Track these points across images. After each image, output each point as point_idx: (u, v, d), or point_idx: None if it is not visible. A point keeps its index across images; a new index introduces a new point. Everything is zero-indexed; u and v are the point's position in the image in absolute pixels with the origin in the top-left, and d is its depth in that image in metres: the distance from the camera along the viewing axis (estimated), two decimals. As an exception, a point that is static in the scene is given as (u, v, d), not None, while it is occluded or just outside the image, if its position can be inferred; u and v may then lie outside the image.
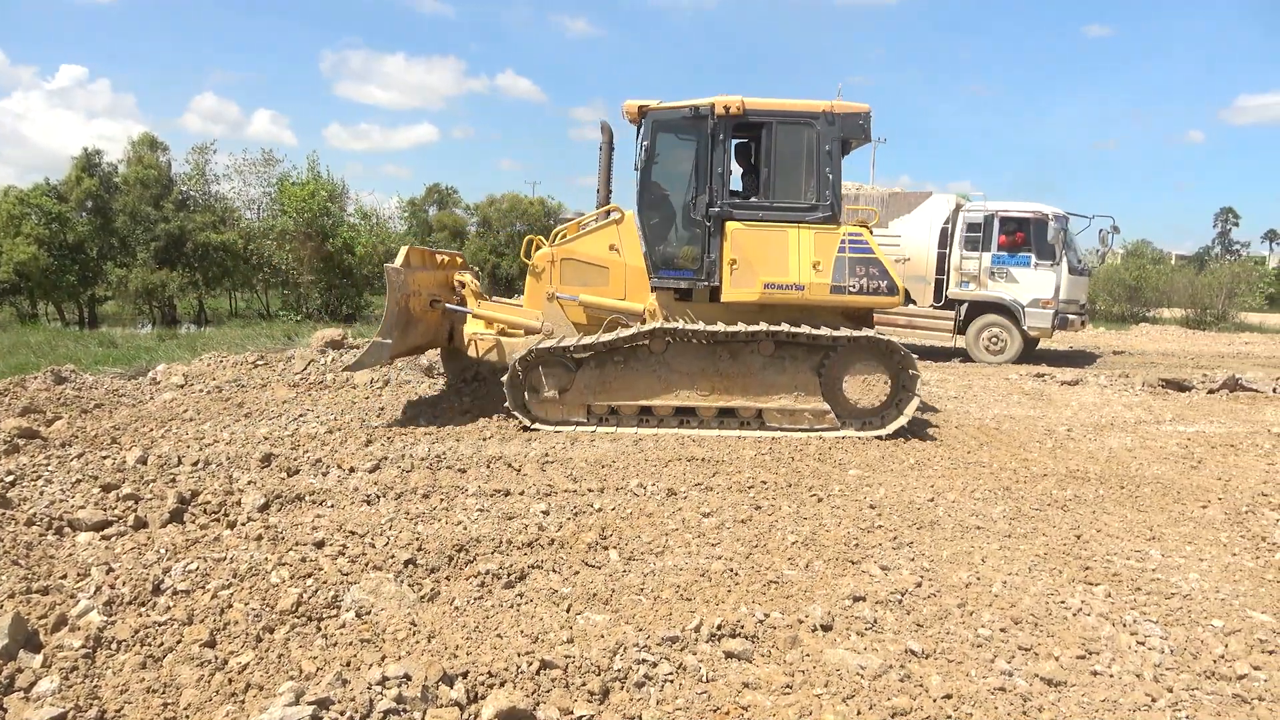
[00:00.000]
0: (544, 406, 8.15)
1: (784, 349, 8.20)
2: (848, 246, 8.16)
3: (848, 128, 8.24)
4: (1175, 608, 4.27)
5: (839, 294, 8.15)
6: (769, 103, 8.26)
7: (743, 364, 8.18)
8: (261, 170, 25.41)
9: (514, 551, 4.70)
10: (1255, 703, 3.39)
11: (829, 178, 8.21)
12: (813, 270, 8.11)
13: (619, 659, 3.44)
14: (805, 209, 8.26)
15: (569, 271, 8.72)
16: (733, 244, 8.20)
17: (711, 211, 8.29)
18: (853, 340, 8.13)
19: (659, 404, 8.21)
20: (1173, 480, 6.85)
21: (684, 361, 8.16)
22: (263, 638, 3.60)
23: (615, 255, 8.67)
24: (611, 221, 8.75)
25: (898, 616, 4.03)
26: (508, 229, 31.63)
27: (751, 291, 8.18)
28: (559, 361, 8.14)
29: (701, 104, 8.26)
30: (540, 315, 8.76)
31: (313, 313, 22.45)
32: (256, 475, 5.91)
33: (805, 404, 8.19)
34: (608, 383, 8.16)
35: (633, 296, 8.64)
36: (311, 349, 10.59)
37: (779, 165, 8.30)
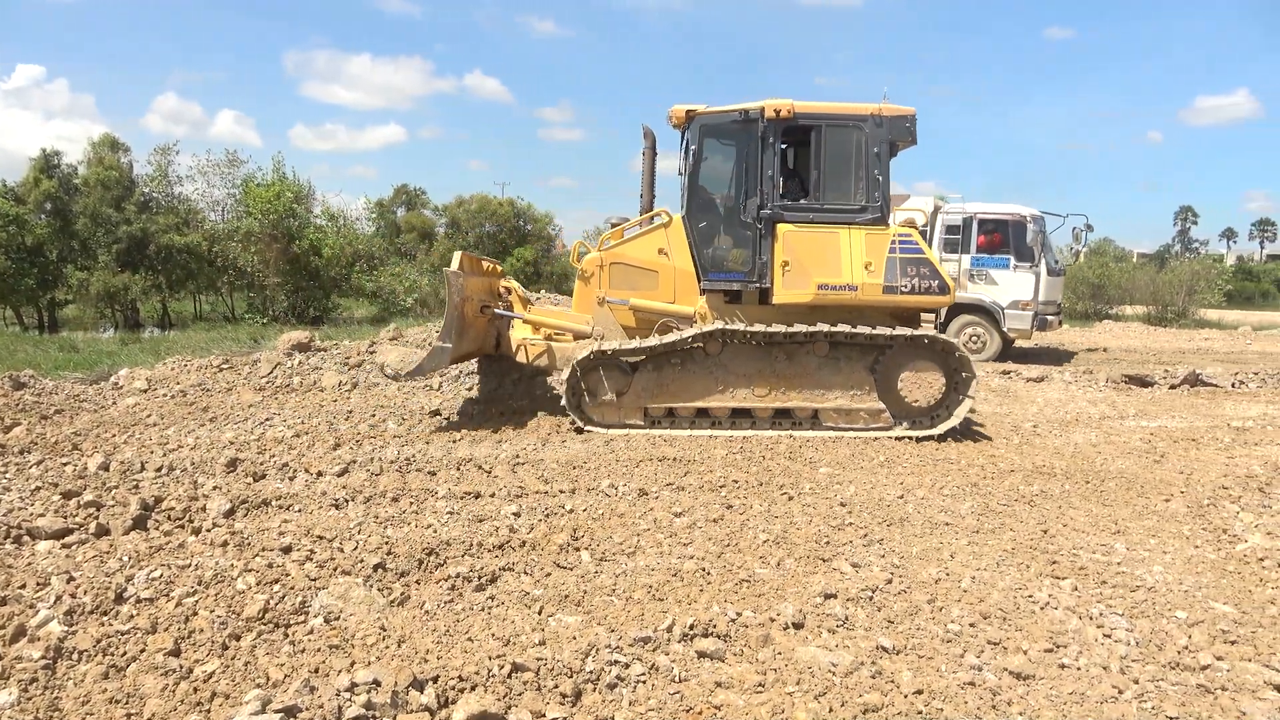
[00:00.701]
0: (601, 409, 8.18)
1: (839, 349, 8.28)
2: (898, 247, 8.27)
3: (895, 130, 8.35)
4: (1140, 600, 4.33)
5: (891, 294, 8.24)
6: (818, 106, 8.36)
7: (799, 365, 8.25)
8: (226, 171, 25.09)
9: (485, 554, 4.66)
10: (1219, 693, 3.44)
11: (878, 180, 8.33)
12: (865, 271, 8.20)
13: (591, 660, 3.43)
14: (855, 210, 8.36)
15: (618, 276, 8.76)
16: (784, 246, 8.28)
17: (763, 214, 8.38)
18: (911, 339, 8.22)
19: (716, 406, 8.24)
20: (1136, 474, 6.95)
21: (740, 363, 8.22)
22: (228, 645, 3.54)
23: (664, 259, 8.73)
24: (659, 225, 8.78)
25: (869, 613, 4.05)
26: (477, 230, 31.46)
27: (805, 293, 8.26)
28: (616, 364, 8.17)
29: (751, 108, 8.36)
30: (590, 320, 8.79)
31: (279, 315, 22.17)
32: (222, 480, 5.83)
33: (861, 403, 8.26)
34: (665, 385, 8.20)
35: (682, 300, 8.68)
36: (278, 352, 10.45)
37: (828, 168, 8.38)
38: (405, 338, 10.93)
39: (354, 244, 24.53)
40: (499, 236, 31.17)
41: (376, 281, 24.45)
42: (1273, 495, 6.40)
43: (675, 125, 8.80)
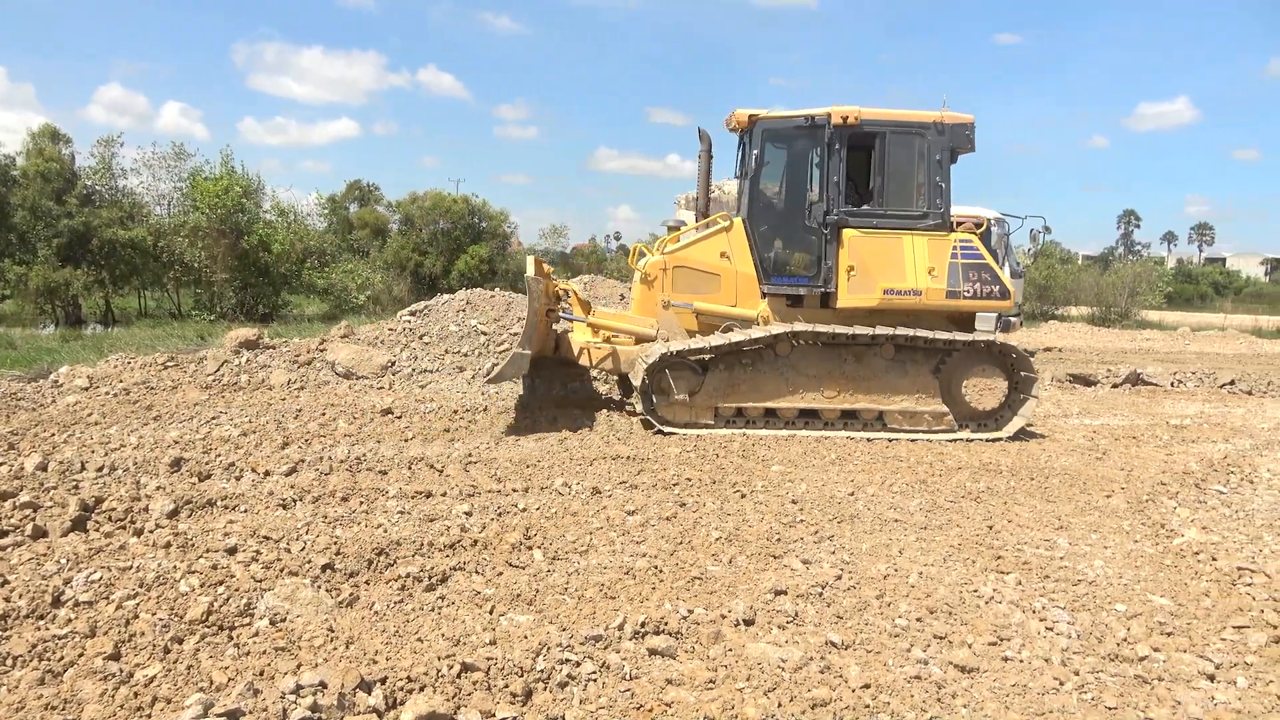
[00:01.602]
0: (673, 409, 8.24)
1: (903, 352, 8.43)
2: (960, 252, 8.47)
3: (956, 138, 8.51)
4: (1081, 594, 4.44)
5: (954, 298, 8.44)
6: (883, 113, 8.49)
7: (866, 367, 8.38)
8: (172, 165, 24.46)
9: (436, 554, 4.62)
10: (1155, 683, 3.54)
11: (940, 186, 8.48)
12: (929, 276, 8.39)
13: (542, 659, 3.42)
14: (918, 216, 8.53)
15: (681, 279, 8.83)
16: (850, 251, 8.41)
17: (829, 219, 8.48)
18: (970, 344, 8.39)
19: (785, 406, 8.35)
20: (1079, 471, 7.12)
21: (810, 365, 8.33)
22: (171, 649, 3.46)
23: (726, 263, 8.79)
24: (721, 229, 8.83)
25: (818, 609, 4.10)
26: (431, 227, 31.10)
27: (871, 297, 8.41)
28: (688, 365, 8.22)
29: (817, 113, 8.49)
30: (654, 323, 8.83)
31: (227, 312, 21.72)
32: (165, 480, 5.70)
33: (925, 406, 8.41)
34: (736, 386, 8.29)
35: (744, 303, 8.77)
36: (225, 349, 10.24)
37: (892, 174, 8.52)
38: (357, 335, 10.78)
39: (305, 240, 24.12)
40: (453, 234, 30.84)
41: (328, 278, 24.09)
42: (1208, 491, 6.60)
43: (733, 129, 8.95)
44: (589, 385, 10.12)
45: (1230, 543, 5.32)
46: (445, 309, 11.32)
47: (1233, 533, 5.55)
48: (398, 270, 29.59)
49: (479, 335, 10.66)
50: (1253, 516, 5.96)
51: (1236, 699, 3.41)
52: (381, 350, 10.26)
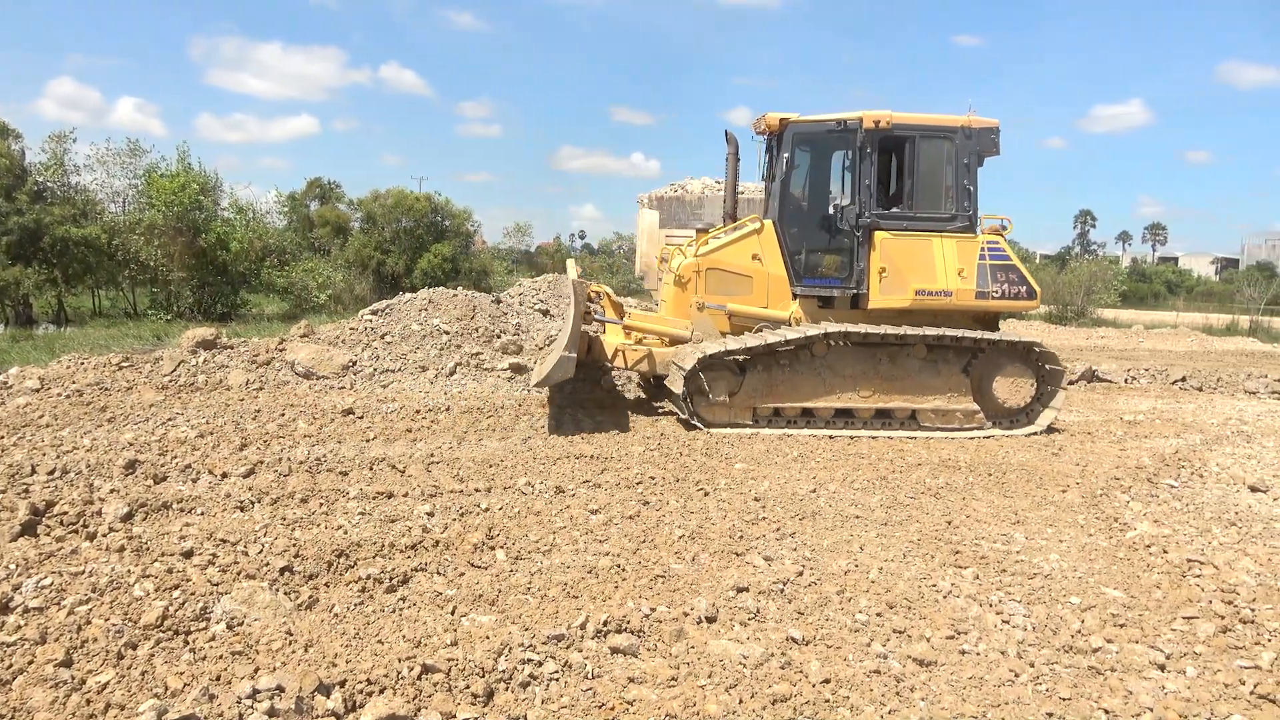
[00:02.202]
0: (713, 410, 8.32)
1: (935, 352, 8.59)
2: (987, 254, 8.68)
3: (982, 142, 8.72)
4: (1037, 587, 4.51)
5: (983, 299, 8.67)
6: (913, 117, 8.66)
7: (900, 367, 8.51)
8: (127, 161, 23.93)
9: (397, 555, 4.59)
10: (1108, 673, 3.61)
11: (968, 189, 8.69)
12: (959, 277, 8.60)
13: (504, 660, 3.41)
14: (946, 219, 8.72)
15: (714, 281, 8.95)
16: (881, 253, 8.60)
17: (862, 221, 8.62)
18: (995, 343, 8.61)
19: (821, 405, 8.47)
20: (1036, 467, 7.24)
21: (846, 365, 8.45)
22: (124, 654, 3.40)
23: (758, 264, 8.94)
24: (752, 231, 8.96)
25: (780, 605, 4.13)
26: (393, 225, 30.79)
27: (903, 298, 8.62)
28: (728, 366, 8.31)
29: (849, 117, 8.63)
30: (688, 324, 8.93)
31: (184, 311, 21.30)
32: (120, 483, 5.59)
33: (957, 404, 8.58)
34: (774, 386, 8.38)
35: (775, 304, 8.92)
36: (182, 349, 10.07)
37: (921, 177, 8.69)
38: (317, 335, 10.65)
39: (264, 238, 23.74)
40: (416, 232, 30.55)
41: (288, 277, 23.75)
42: (1160, 485, 6.75)
43: (761, 132, 9.09)
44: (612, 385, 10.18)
45: (1180, 536, 5.44)
46: (407, 308, 11.22)
47: (1183, 526, 5.68)
48: (359, 269, 29.25)
49: (442, 334, 10.58)
50: (1202, 510, 6.10)
51: (1186, 688, 3.49)
52: (342, 350, 10.15)
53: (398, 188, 31.99)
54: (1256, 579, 4.69)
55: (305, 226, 34.76)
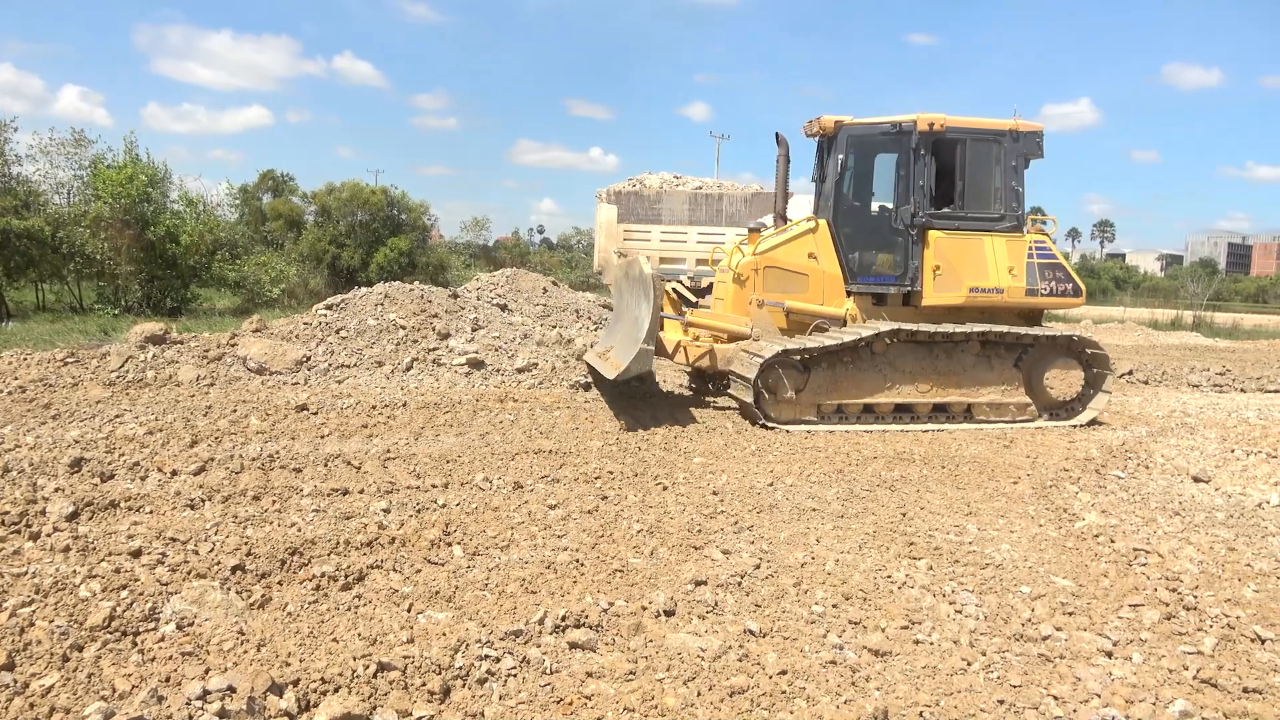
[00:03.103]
0: (779, 407, 8.45)
1: (989, 348, 8.88)
2: (1035, 253, 8.99)
3: (1028, 145, 9.03)
4: (989, 577, 4.59)
5: (1033, 296, 8.99)
6: (964, 120, 8.95)
7: (956, 362, 8.78)
8: (72, 152, 23.24)
9: (352, 552, 4.53)
10: (1057, 661, 3.69)
11: (1015, 190, 8.99)
12: (1009, 275, 8.88)
13: (461, 656, 3.38)
14: (995, 219, 9.00)
15: (771, 279, 9.14)
16: (935, 251, 8.86)
17: (916, 221, 8.85)
18: (1049, 338, 8.93)
19: (881, 401, 8.68)
20: (988, 459, 7.36)
21: (905, 361, 8.67)
22: (70, 657, 3.32)
23: (814, 263, 9.16)
24: (807, 231, 9.17)
25: (737, 598, 4.15)
26: (348, 219, 30.38)
27: (957, 295, 8.89)
28: (793, 364, 8.45)
29: (904, 120, 8.89)
30: (748, 321, 9.10)
31: (133, 306, 20.79)
32: (65, 482, 5.45)
33: (1011, 398, 8.88)
34: (838, 383, 8.57)
35: (829, 302, 9.16)
36: (129, 344, 9.84)
37: (971, 178, 8.96)
38: (270, 330, 10.48)
39: (215, 231, 23.26)
40: (371, 226, 30.21)
41: (240, 271, 23.33)
42: (1107, 476, 6.90)
43: (813, 135, 9.38)
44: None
45: (1127, 525, 5.57)
46: (363, 302, 11.08)
47: (1129, 516, 5.82)
48: (314, 263, 28.84)
49: (398, 329, 10.47)
50: (1148, 500, 6.25)
51: (1132, 674, 3.57)
52: (296, 345, 10.00)
53: (353, 180, 31.63)
54: (1199, 567, 4.82)
55: (258, 220, 34.16)
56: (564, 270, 36.49)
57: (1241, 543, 5.29)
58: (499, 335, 10.95)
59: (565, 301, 13.12)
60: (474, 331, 10.86)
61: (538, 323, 11.92)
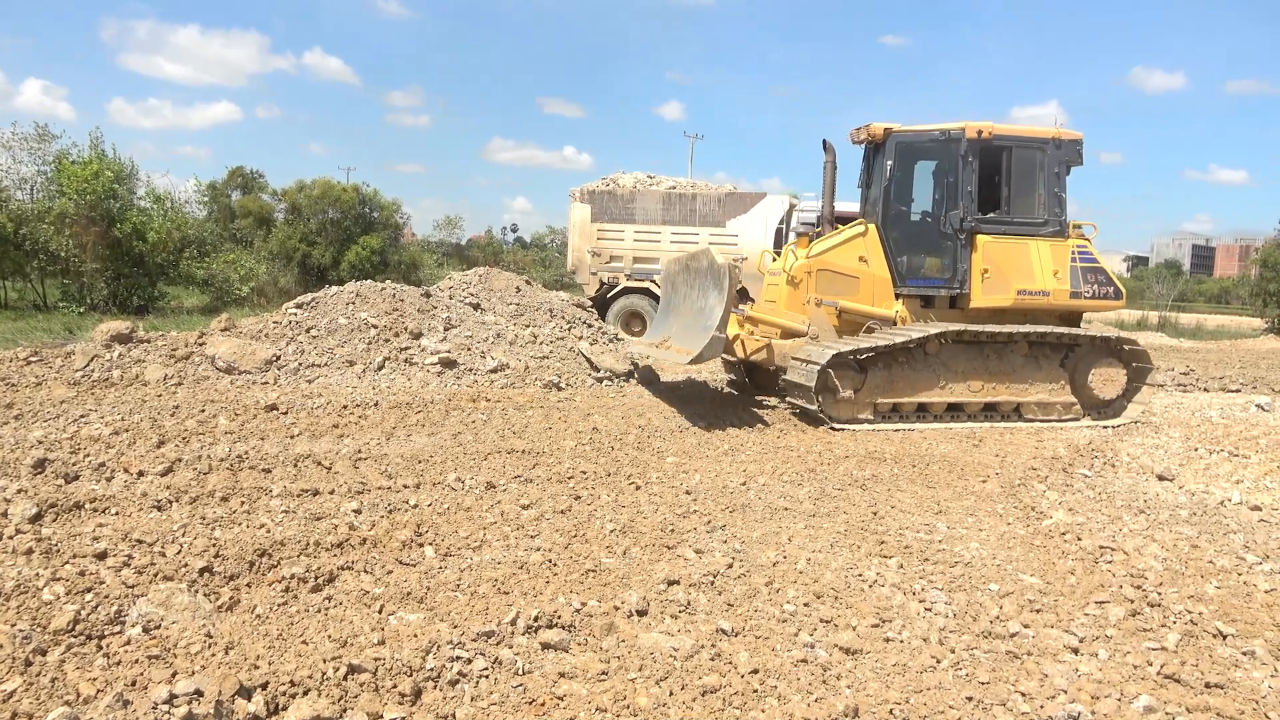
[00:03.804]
0: (838, 406, 8.70)
1: (1035, 348, 9.14)
2: (1078, 257, 9.31)
3: (1069, 153, 9.35)
4: (958, 575, 4.64)
5: (1077, 299, 9.32)
6: (1010, 128, 9.30)
7: (1007, 363, 9.01)
8: (35, 147, 22.85)
9: (322, 553, 4.50)
10: (1024, 657, 3.73)
11: (1058, 196, 9.29)
12: (1054, 278, 9.18)
13: (432, 658, 3.36)
14: (1039, 224, 9.29)
15: (823, 281, 9.41)
16: (983, 255, 9.15)
17: (964, 225, 9.12)
18: (1093, 340, 9.23)
19: (935, 400, 8.91)
20: (957, 458, 7.44)
21: (958, 361, 8.90)
22: (32, 661, 3.26)
23: (864, 266, 9.45)
24: (857, 235, 9.47)
25: (710, 598, 4.16)
26: (319, 216, 30.12)
27: (1005, 298, 9.18)
28: (851, 364, 8.63)
29: (952, 128, 9.22)
30: (805, 319, 9.32)
31: (98, 304, 20.48)
32: (28, 483, 5.36)
33: (1057, 397, 9.15)
34: (893, 382, 8.77)
35: (878, 304, 9.40)
36: (95, 343, 9.69)
37: (1016, 185, 9.26)
38: (239, 328, 10.36)
39: (183, 228, 22.96)
40: (343, 224, 29.98)
41: (208, 269, 23.06)
42: (1074, 475, 7.00)
43: (860, 141, 9.69)
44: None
45: (1093, 523, 5.65)
46: (334, 301, 10.98)
47: (1096, 514, 5.90)
48: (284, 261, 28.57)
49: (370, 328, 10.39)
50: (1114, 498, 6.35)
51: (1098, 670, 3.62)
52: (266, 344, 9.89)
53: (324, 178, 31.41)
54: (1163, 564, 4.90)
55: (227, 217, 33.82)
56: (538, 269, 36.40)
57: (1204, 540, 5.38)
58: (472, 334, 10.90)
59: (539, 301, 13.06)
60: (446, 331, 10.80)
61: (511, 322, 11.88)
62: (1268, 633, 4.04)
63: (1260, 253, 34.77)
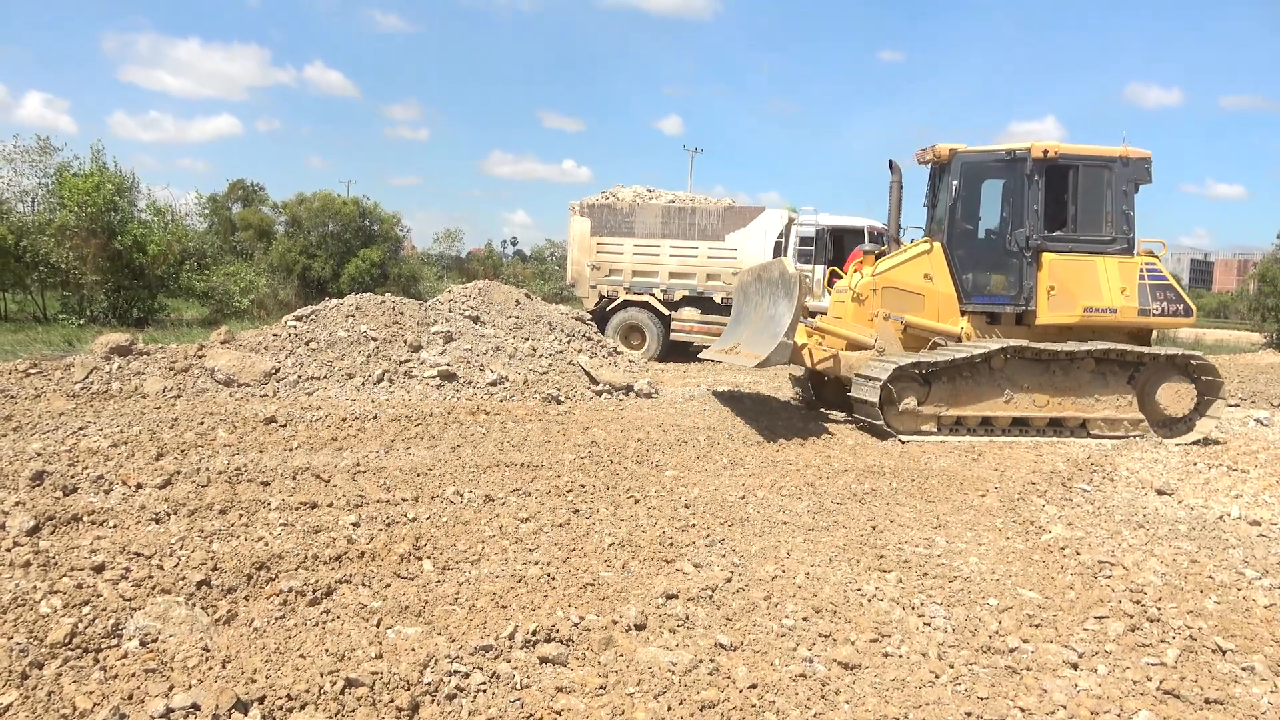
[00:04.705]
0: (902, 418, 8.85)
1: (1102, 365, 9.17)
2: (1146, 274, 9.35)
3: (1137, 171, 9.42)
4: (957, 590, 4.63)
5: (1145, 316, 9.33)
6: (1076, 148, 9.40)
7: (1073, 379, 9.06)
8: (36, 159, 22.89)
9: (320, 566, 4.49)
10: (1024, 672, 3.72)
11: (1125, 214, 9.38)
12: (1121, 295, 9.22)
13: (430, 672, 3.35)
14: (1106, 241, 9.37)
15: (890, 298, 9.62)
16: (1049, 273, 9.26)
17: (1031, 243, 9.26)
18: (1156, 357, 9.21)
19: (1000, 415, 9.00)
20: (957, 472, 7.43)
21: (1023, 376, 8.97)
22: (29, 674, 3.25)
23: (929, 283, 9.63)
24: (922, 252, 9.67)
25: (708, 612, 4.15)
26: (319, 229, 30.18)
27: (1071, 315, 9.27)
28: (915, 377, 8.79)
29: (1018, 148, 9.39)
30: (873, 333, 9.52)
31: (98, 316, 20.49)
32: (26, 495, 5.35)
33: (1125, 414, 9.17)
34: (958, 395, 8.90)
35: (944, 320, 9.56)
36: (94, 355, 9.70)
37: (1083, 203, 9.37)
38: (238, 341, 10.37)
39: (183, 241, 23.00)
40: (343, 236, 30.04)
41: (208, 281, 23.09)
42: (1073, 489, 6.99)
43: (926, 162, 9.89)
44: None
45: (1092, 538, 5.64)
46: (333, 314, 11.01)
47: (1095, 528, 5.89)
48: (284, 274, 28.61)
49: (369, 341, 10.40)
50: (1113, 513, 6.34)
51: (1097, 685, 3.61)
52: (265, 356, 9.91)
53: (324, 191, 31.49)
54: (1162, 579, 4.89)
55: (227, 229, 33.89)
56: (537, 282, 36.44)
57: (1204, 555, 5.38)
58: (471, 347, 10.92)
59: (538, 314, 13.09)
60: (446, 344, 10.82)
61: (510, 335, 11.89)
62: (1267, 648, 4.03)
63: (1259, 267, 34.80)
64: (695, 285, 16.93)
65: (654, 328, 16.96)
